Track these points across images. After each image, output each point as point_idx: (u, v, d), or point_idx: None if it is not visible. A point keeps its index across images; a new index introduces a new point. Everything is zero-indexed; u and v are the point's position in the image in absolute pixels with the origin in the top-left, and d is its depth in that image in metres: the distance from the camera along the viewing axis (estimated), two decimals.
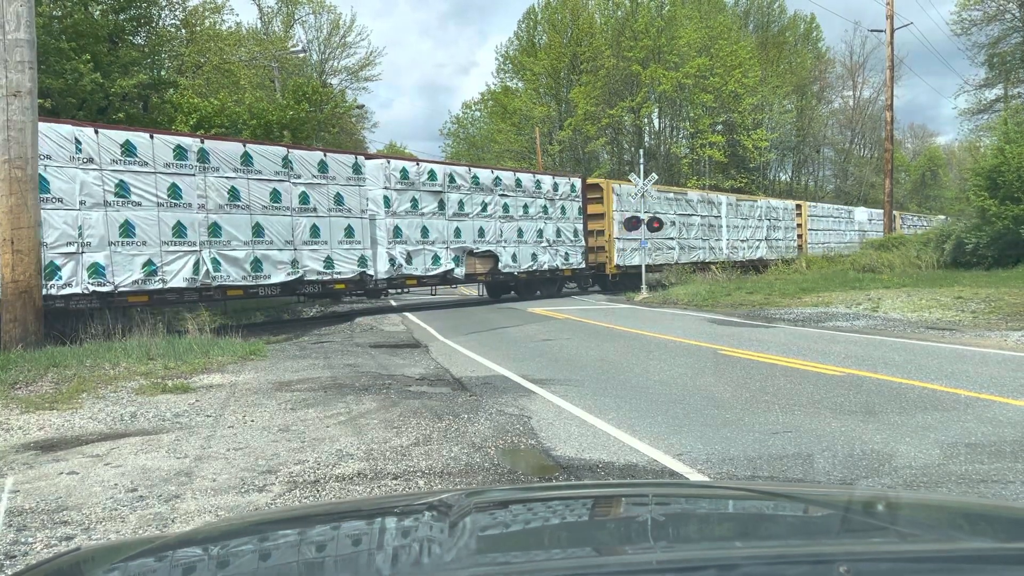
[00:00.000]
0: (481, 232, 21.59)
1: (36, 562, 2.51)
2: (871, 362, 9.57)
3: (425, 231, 19.83)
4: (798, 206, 40.60)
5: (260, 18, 43.00)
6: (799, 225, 39.71)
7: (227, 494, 4.93)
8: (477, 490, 3.18)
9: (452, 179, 20.70)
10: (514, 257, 22.60)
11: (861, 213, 47.59)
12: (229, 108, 22.29)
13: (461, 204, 20.88)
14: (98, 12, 20.36)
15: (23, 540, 4.16)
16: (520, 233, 22.88)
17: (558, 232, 24.35)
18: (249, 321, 18.72)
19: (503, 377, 9.37)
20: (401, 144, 63.34)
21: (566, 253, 24.73)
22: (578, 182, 25.76)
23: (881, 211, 49.22)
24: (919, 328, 13.05)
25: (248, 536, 1.75)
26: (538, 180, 23.93)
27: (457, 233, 20.78)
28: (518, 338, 13.72)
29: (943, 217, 52.41)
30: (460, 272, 20.92)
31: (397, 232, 19.02)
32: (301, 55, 39.34)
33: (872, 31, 56.43)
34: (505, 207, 22.38)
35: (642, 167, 26.32)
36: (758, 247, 35.52)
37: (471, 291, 28.12)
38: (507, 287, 24.59)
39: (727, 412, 6.97)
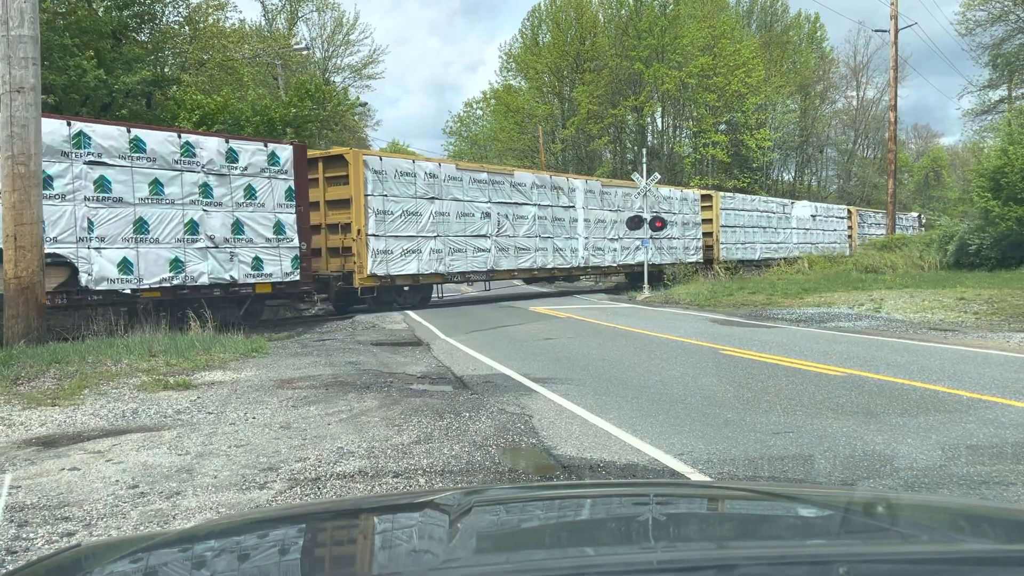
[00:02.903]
0: None
1: (37, 558, 2.52)
2: (873, 363, 9.56)
3: None
4: (706, 196, 32.99)
5: (264, 15, 43.08)
6: (708, 221, 32.28)
7: (228, 491, 4.93)
8: (477, 489, 3.18)
9: None
10: (125, 265, 13.71)
11: (803, 208, 40.28)
12: (232, 105, 22.29)
13: None
14: (102, 9, 20.39)
15: (24, 536, 4.17)
16: (142, 226, 13.86)
17: (238, 226, 15.26)
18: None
19: (504, 375, 9.37)
20: (404, 142, 63.40)
21: (257, 258, 15.56)
22: (286, 151, 16.27)
23: (829, 206, 44.94)
24: (921, 329, 13.03)
25: (248, 533, 1.75)
26: (187, 144, 14.66)
27: None
28: (520, 337, 13.72)
29: (915, 214, 51.90)
30: None
31: None
32: (304, 53, 39.35)
33: (876, 31, 56.13)
34: (102, 183, 13.37)
35: (645, 166, 26.27)
36: (638, 248, 27.58)
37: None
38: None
39: (728, 412, 6.97)
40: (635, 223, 25.12)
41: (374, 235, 18.55)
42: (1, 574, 3.36)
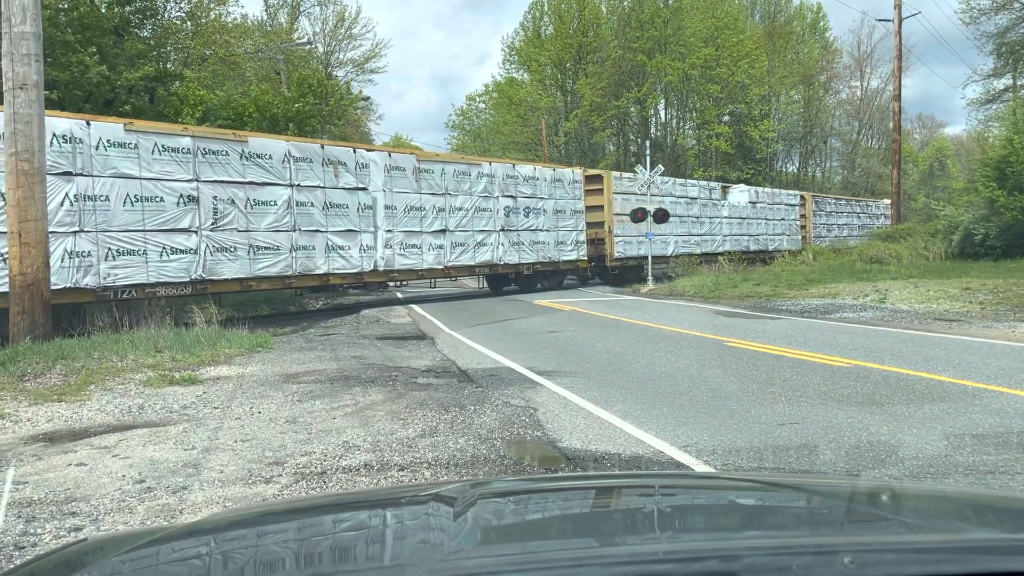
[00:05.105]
0: None
1: (44, 552, 2.53)
2: (878, 353, 9.54)
3: None
4: (595, 177, 26.04)
5: (265, 10, 42.96)
6: (599, 208, 26.04)
7: (234, 485, 4.95)
8: (482, 481, 3.19)
9: None
10: None
11: (739, 194, 33.64)
12: (235, 100, 22.30)
13: None
14: (104, 5, 20.39)
15: (32, 531, 4.19)
16: None
17: None
18: (256, 313, 18.75)
19: (509, 369, 9.38)
20: (408, 136, 63.28)
21: None
22: None
23: (776, 191, 38.71)
24: (926, 319, 13.00)
25: (254, 527, 1.76)
26: None
27: None
28: (524, 330, 13.72)
29: (887, 201, 51.15)
30: None
31: None
32: (307, 47, 39.28)
33: (880, 21, 55.97)
34: None
35: (648, 158, 26.12)
36: (483, 244, 21.59)
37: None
38: None
39: (733, 403, 6.96)
40: (638, 216, 25.06)
41: None
42: (9, 569, 3.38)
